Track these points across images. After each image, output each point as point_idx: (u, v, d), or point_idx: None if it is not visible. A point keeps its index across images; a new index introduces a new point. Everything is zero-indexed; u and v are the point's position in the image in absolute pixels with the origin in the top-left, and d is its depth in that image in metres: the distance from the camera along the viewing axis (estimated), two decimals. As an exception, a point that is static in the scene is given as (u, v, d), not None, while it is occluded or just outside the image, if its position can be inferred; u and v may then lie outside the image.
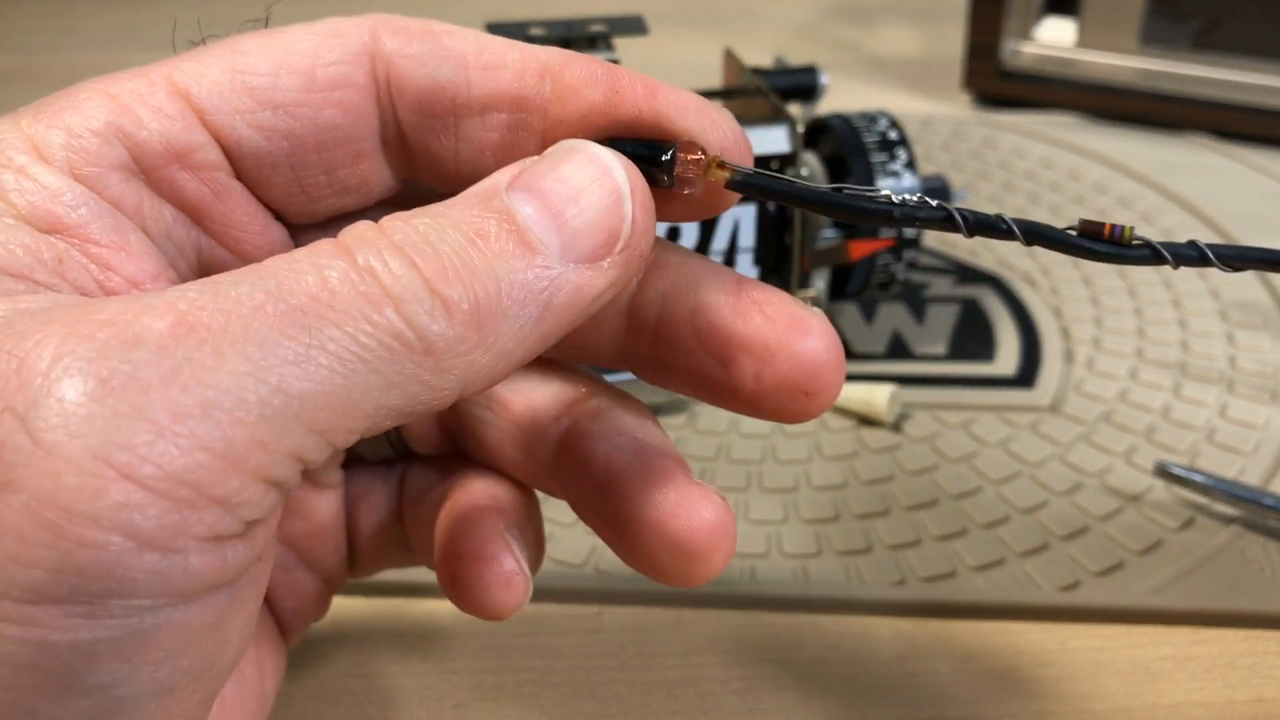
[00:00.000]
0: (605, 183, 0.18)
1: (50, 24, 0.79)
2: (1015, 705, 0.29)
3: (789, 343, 0.19)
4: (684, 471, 0.21)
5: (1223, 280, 0.46)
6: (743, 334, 0.20)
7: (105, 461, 0.14)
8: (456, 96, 0.20)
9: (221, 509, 0.15)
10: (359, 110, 0.20)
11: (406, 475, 0.24)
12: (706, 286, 0.20)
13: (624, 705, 0.30)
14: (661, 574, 0.20)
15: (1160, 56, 0.58)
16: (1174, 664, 0.30)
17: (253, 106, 0.19)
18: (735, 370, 0.20)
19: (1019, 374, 0.41)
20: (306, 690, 0.30)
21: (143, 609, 0.15)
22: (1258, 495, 0.34)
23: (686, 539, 0.20)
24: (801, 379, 0.19)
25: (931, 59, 0.70)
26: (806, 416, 0.20)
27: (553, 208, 0.18)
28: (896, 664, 0.30)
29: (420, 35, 0.20)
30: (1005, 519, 0.35)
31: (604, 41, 0.41)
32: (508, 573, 0.21)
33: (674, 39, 0.73)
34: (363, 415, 0.16)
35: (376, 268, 0.16)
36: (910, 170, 0.38)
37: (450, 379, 0.17)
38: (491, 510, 0.22)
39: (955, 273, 0.47)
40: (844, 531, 0.34)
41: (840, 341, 0.20)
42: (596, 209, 0.18)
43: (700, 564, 0.20)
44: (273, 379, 0.15)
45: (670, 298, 0.20)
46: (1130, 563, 0.33)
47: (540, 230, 0.18)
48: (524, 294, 0.17)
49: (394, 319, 0.16)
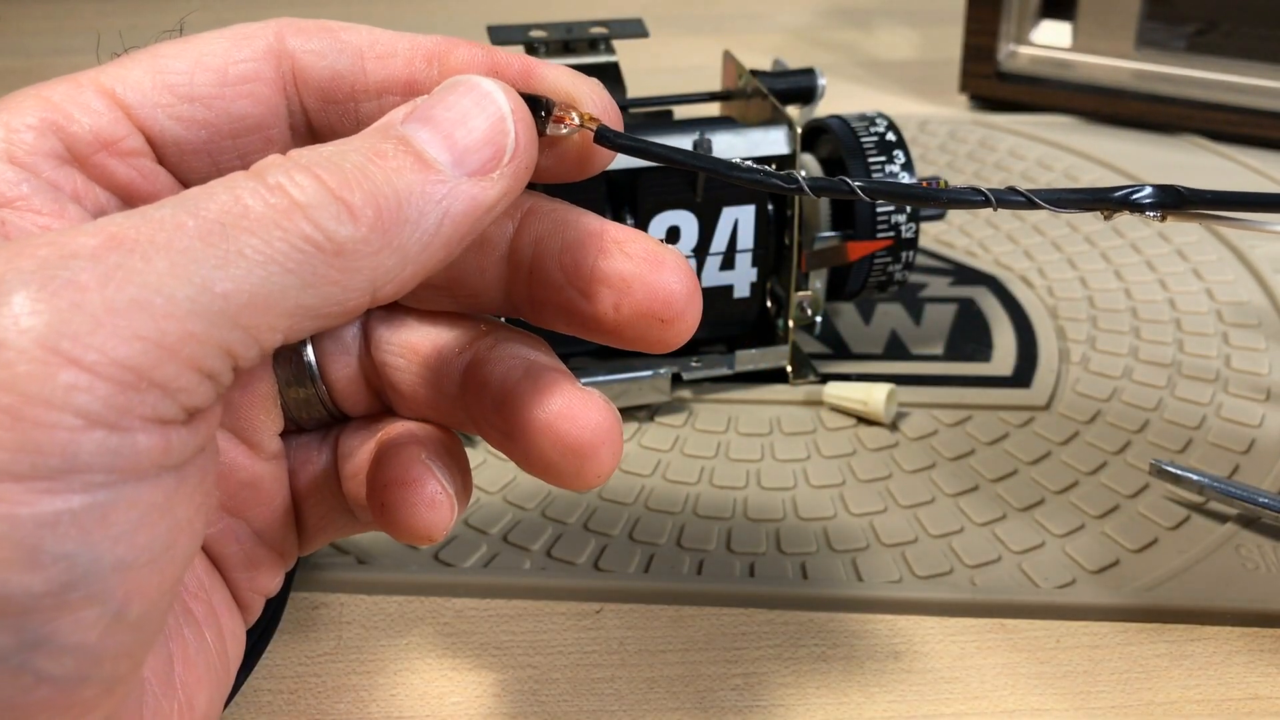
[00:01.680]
0: (489, 105, 0.20)
1: (53, 26, 0.80)
2: (1011, 702, 0.30)
3: (643, 274, 0.22)
4: (570, 381, 0.23)
5: (1218, 281, 0.46)
6: (603, 269, 0.22)
7: (52, 350, 0.16)
8: (355, 84, 0.22)
9: (161, 393, 0.17)
10: (268, 101, 0.22)
11: (339, 440, 0.26)
12: (573, 229, 0.23)
13: (624, 702, 0.30)
14: (556, 475, 0.22)
15: (1156, 59, 0.59)
16: (1169, 661, 0.31)
17: (172, 101, 0.22)
18: (597, 302, 0.22)
19: (1015, 373, 0.41)
20: (309, 688, 0.30)
21: (97, 484, 0.17)
22: (1252, 494, 0.34)
23: (573, 438, 0.22)
24: (656, 307, 0.22)
25: (929, 61, 0.70)
26: (666, 345, 0.23)
27: (443, 130, 0.20)
28: (894, 661, 0.31)
29: (318, 32, 0.23)
30: (1002, 517, 0.35)
31: (604, 44, 0.41)
32: (431, 494, 0.23)
33: (674, 42, 0.73)
34: (283, 313, 0.18)
35: (285, 183, 0.18)
36: (908, 172, 0.39)
37: (360, 280, 0.19)
38: (411, 442, 0.24)
39: (952, 273, 0.47)
40: (842, 529, 0.35)
41: (694, 274, 0.22)
42: (483, 128, 0.20)
43: (588, 460, 0.22)
44: (197, 279, 0.17)
45: (542, 240, 0.23)
46: (1126, 561, 0.33)
47: (433, 149, 0.20)
48: (423, 202, 0.19)
49: (303, 225, 0.18)
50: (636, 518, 0.35)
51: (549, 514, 0.35)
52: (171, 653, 0.22)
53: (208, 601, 0.24)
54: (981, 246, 0.49)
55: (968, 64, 0.61)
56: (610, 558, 0.34)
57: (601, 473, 0.22)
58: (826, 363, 0.42)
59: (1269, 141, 0.56)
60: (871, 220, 0.39)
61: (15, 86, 0.22)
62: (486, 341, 0.24)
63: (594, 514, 0.35)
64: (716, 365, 0.41)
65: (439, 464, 0.23)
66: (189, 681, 0.22)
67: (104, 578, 0.17)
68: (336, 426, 0.26)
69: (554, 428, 0.22)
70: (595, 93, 0.22)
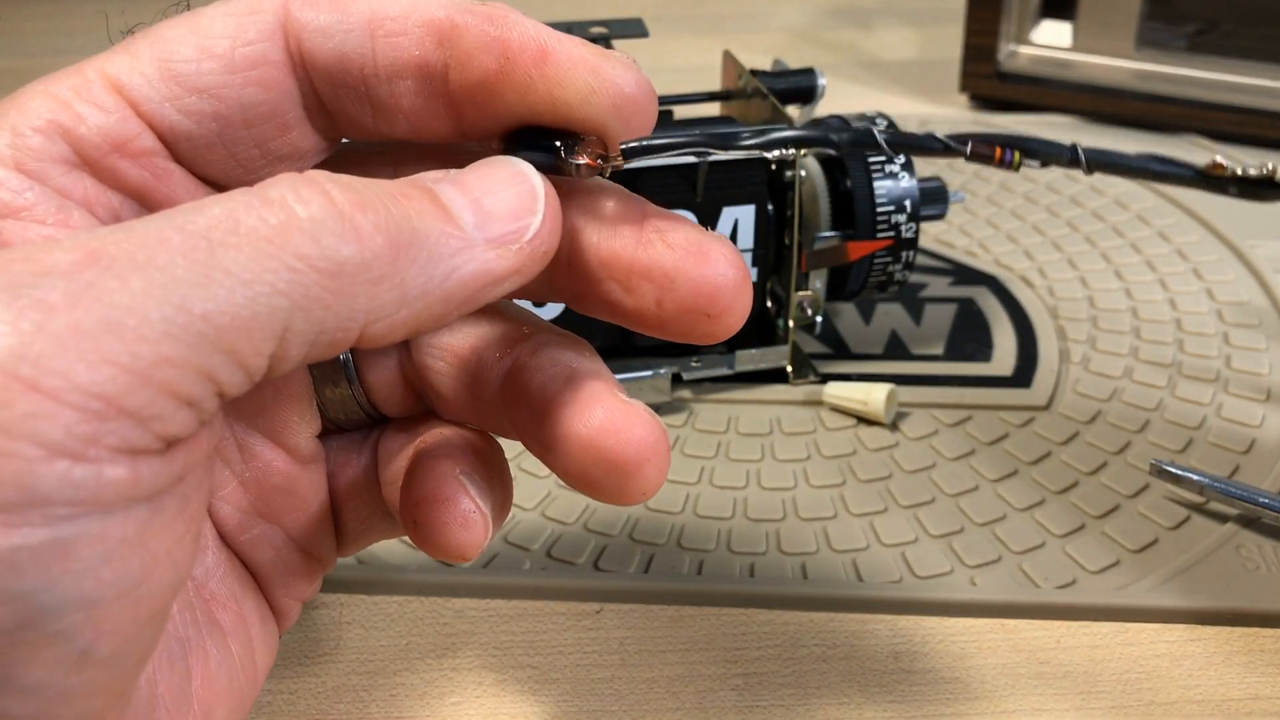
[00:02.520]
0: (522, 182, 0.20)
1: (54, 26, 0.80)
2: (1012, 703, 0.29)
3: (687, 268, 0.21)
4: (614, 392, 0.21)
5: (1218, 281, 0.46)
6: (643, 261, 0.21)
7: (12, 375, 0.15)
8: (364, 67, 0.21)
9: (133, 422, 0.16)
10: (279, 85, 0.21)
11: (380, 443, 0.25)
12: (610, 215, 0.22)
13: (624, 702, 0.30)
14: (599, 491, 0.21)
15: (1156, 59, 0.59)
16: (1170, 662, 0.31)
17: (180, 93, 0.21)
18: (639, 296, 0.21)
19: (1016, 373, 0.41)
20: (309, 688, 0.30)
21: (59, 518, 0.16)
22: (1253, 494, 0.34)
23: (617, 453, 0.21)
24: (702, 302, 0.21)
25: (929, 61, 0.70)
26: (714, 338, 0.21)
27: (472, 194, 0.19)
28: (894, 661, 0.31)
29: (327, 5, 0.21)
30: (1002, 517, 0.35)
31: (604, 44, 0.41)
32: (464, 512, 0.22)
33: (674, 41, 0.73)
34: (269, 337, 0.17)
35: (288, 197, 0.17)
36: (908, 171, 0.39)
37: (356, 308, 0.18)
38: (447, 456, 0.23)
39: (952, 273, 0.47)
40: (842, 529, 0.35)
41: (743, 264, 0.21)
42: (511, 201, 0.20)
43: (632, 478, 0.21)
44: (175, 299, 0.16)
45: (579, 231, 0.22)
46: (1126, 561, 0.33)
47: (457, 206, 0.19)
48: (435, 251, 0.18)
49: (300, 242, 0.17)
50: (636, 518, 0.35)
51: (549, 514, 0.35)
52: (190, 667, 0.21)
53: (237, 611, 0.23)
54: (982, 246, 0.49)
55: (968, 64, 0.61)
56: (610, 558, 0.34)
57: (646, 490, 0.21)
58: (826, 363, 0.42)
59: (1270, 141, 0.56)
60: (871, 220, 0.39)
61: (15, 86, 0.21)
62: (528, 346, 0.23)
63: (594, 514, 0.35)
64: (716, 365, 0.41)
65: (475, 479, 0.22)
66: (207, 696, 0.22)
67: (66, 615, 0.16)
68: (378, 427, 0.25)
69: (596, 443, 0.21)
70: (620, 76, 0.21)
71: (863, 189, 0.38)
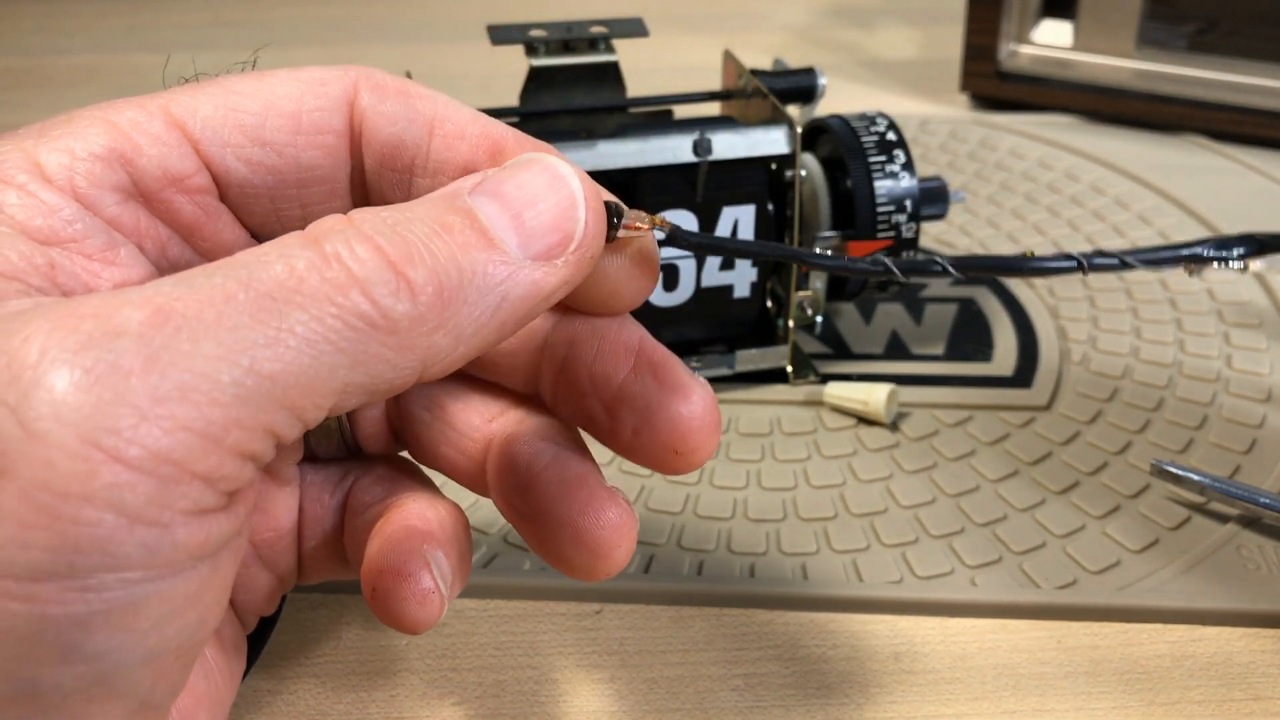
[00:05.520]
0: (561, 188, 0.20)
1: (53, 25, 0.80)
2: (1012, 703, 0.29)
3: (668, 405, 0.22)
4: (597, 476, 0.22)
5: (1219, 280, 0.46)
6: (630, 391, 0.22)
7: (94, 445, 0.15)
8: (416, 158, 0.22)
9: (203, 484, 0.16)
10: (337, 154, 0.22)
11: (353, 490, 0.25)
12: (610, 339, 0.22)
13: (624, 703, 0.30)
14: (570, 567, 0.22)
15: (1157, 58, 0.59)
16: (1170, 662, 0.31)
17: (242, 141, 0.21)
18: (618, 421, 0.22)
19: (1016, 373, 0.41)
20: (309, 688, 0.30)
21: (133, 581, 0.16)
22: (1254, 494, 0.34)
23: (593, 535, 0.22)
24: (674, 440, 0.22)
25: (929, 61, 0.70)
26: (678, 472, 0.22)
27: (512, 209, 0.19)
28: (894, 662, 0.31)
29: (395, 94, 0.22)
30: (1003, 517, 0.35)
31: (604, 43, 0.41)
32: (424, 590, 0.22)
33: (674, 41, 0.73)
34: (331, 392, 0.17)
35: (343, 253, 0.18)
36: (908, 172, 0.39)
37: (412, 358, 0.18)
38: (418, 530, 0.23)
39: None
40: (842, 530, 0.35)
41: (717, 408, 0.22)
42: (552, 212, 0.20)
43: (603, 559, 0.22)
44: (245, 361, 0.16)
45: (577, 343, 0.23)
46: (1127, 561, 0.33)
47: (500, 228, 0.19)
48: (484, 284, 0.19)
49: (359, 300, 0.17)
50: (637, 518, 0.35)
51: (549, 514, 0.35)
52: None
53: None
54: (982, 246, 0.49)
55: (968, 63, 0.61)
56: (610, 558, 0.34)
57: (612, 571, 0.22)
58: (827, 363, 0.42)
59: (1270, 141, 0.56)
60: (872, 220, 0.38)
61: (15, 86, 0.21)
62: (515, 415, 0.24)
63: (594, 514, 0.35)
64: (716, 365, 0.41)
65: (440, 557, 0.23)
66: (188, 704, 0.22)
67: (133, 670, 0.17)
68: (352, 474, 0.25)
69: (576, 523, 0.22)
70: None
71: (863, 189, 0.38)
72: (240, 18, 0.80)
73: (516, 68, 0.41)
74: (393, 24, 0.79)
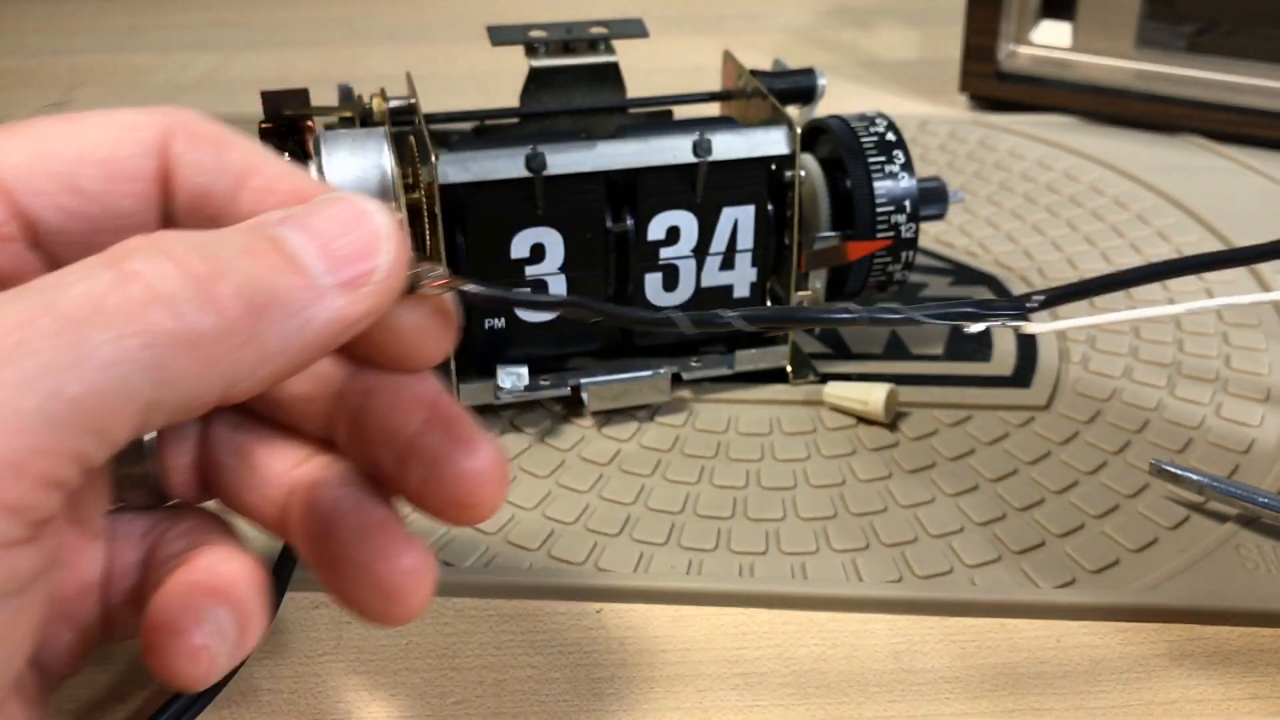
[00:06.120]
0: (367, 222, 0.20)
1: (53, 25, 0.80)
2: (1011, 702, 0.30)
3: (456, 459, 0.22)
4: (396, 522, 0.22)
5: (1218, 279, 0.46)
6: (419, 443, 0.22)
7: None
8: (222, 209, 0.22)
9: (9, 515, 0.16)
10: (149, 199, 0.22)
11: (159, 542, 0.25)
12: (405, 391, 0.22)
13: (624, 701, 0.30)
14: (367, 612, 0.22)
15: (1156, 59, 0.59)
16: (1169, 661, 0.31)
17: (54, 190, 0.21)
18: (407, 472, 0.22)
19: (1015, 373, 0.41)
20: (310, 687, 0.30)
21: None
22: (1252, 493, 0.34)
23: (389, 580, 0.22)
24: (460, 493, 0.22)
25: (929, 61, 0.70)
26: (463, 524, 0.23)
27: (320, 239, 0.20)
28: (894, 661, 0.31)
29: (206, 144, 0.22)
30: (1002, 517, 0.35)
31: (604, 44, 0.41)
32: (194, 647, 0.22)
33: (674, 41, 0.73)
34: (136, 411, 0.17)
35: (144, 271, 0.18)
36: (907, 172, 0.39)
37: (216, 374, 0.18)
38: (200, 586, 0.23)
39: (952, 273, 0.47)
40: (842, 529, 0.35)
41: (504, 464, 0.22)
42: (358, 243, 0.20)
43: (398, 604, 0.22)
44: (47, 386, 0.16)
45: (373, 394, 0.23)
46: (1126, 560, 0.33)
47: (306, 255, 0.19)
48: (290, 305, 0.19)
49: (161, 317, 0.17)
50: (636, 517, 0.35)
51: (549, 514, 0.35)
52: None
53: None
54: (981, 246, 0.49)
55: (968, 64, 0.62)
56: (610, 557, 0.34)
57: (409, 616, 0.22)
58: (826, 362, 0.42)
59: (1269, 141, 0.56)
60: (871, 220, 0.39)
61: (15, 86, 0.21)
62: (319, 461, 0.24)
63: (594, 514, 0.35)
64: (716, 365, 0.41)
65: (223, 613, 0.22)
66: None
67: None
68: (161, 525, 0.25)
69: (372, 568, 0.22)
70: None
71: (862, 189, 0.38)
72: (241, 18, 0.80)
73: (517, 68, 0.41)
74: (393, 25, 0.79)
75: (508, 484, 0.22)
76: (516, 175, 0.36)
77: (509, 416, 0.40)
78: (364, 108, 0.39)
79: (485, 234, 0.36)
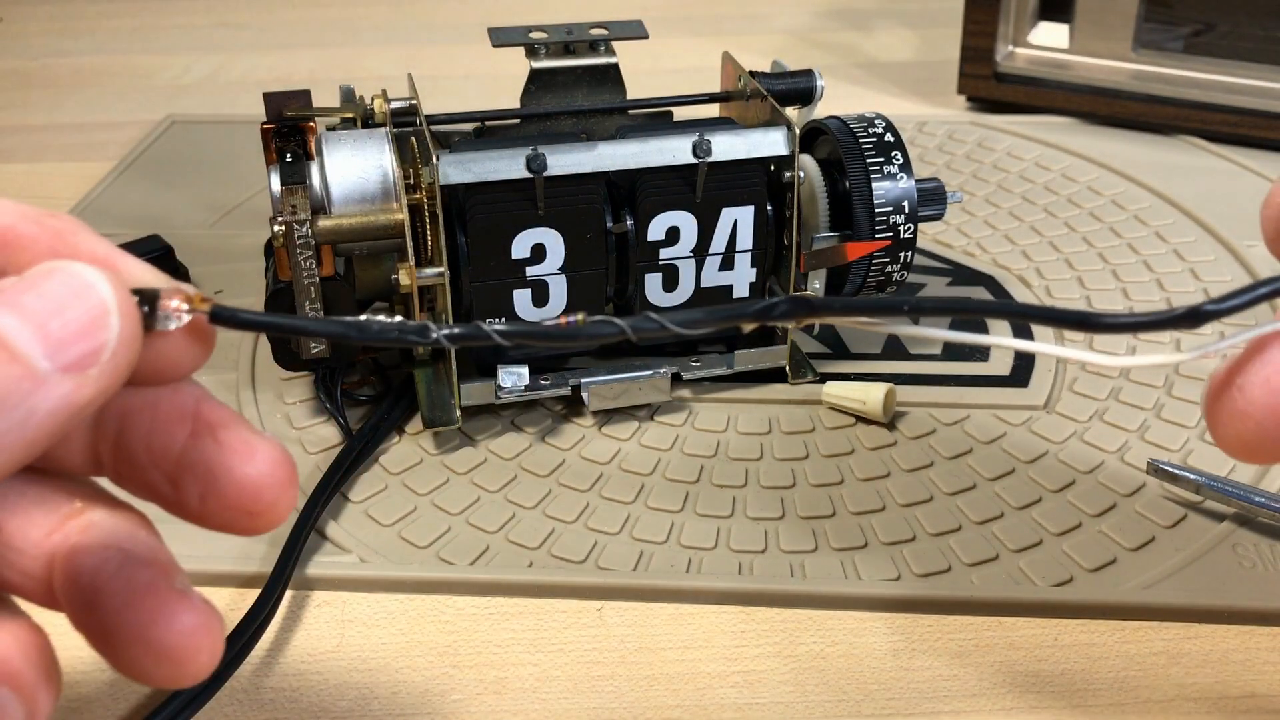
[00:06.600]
0: (89, 295, 0.19)
1: (57, 27, 0.80)
2: (1009, 700, 0.30)
3: (233, 466, 0.20)
4: (166, 580, 0.21)
5: (1215, 280, 0.46)
6: (190, 458, 0.21)
7: None
8: None
9: None
10: None
11: None
12: (165, 406, 0.21)
13: (624, 699, 0.30)
14: (152, 679, 0.21)
15: (1153, 60, 0.59)
16: (1166, 659, 0.31)
17: None
18: (183, 491, 0.21)
19: (1013, 373, 0.42)
20: (312, 685, 0.30)
21: None
22: (1249, 493, 0.34)
23: (166, 644, 0.20)
24: (244, 501, 0.21)
25: (927, 62, 0.70)
26: (256, 533, 0.21)
27: (36, 320, 0.18)
28: (892, 658, 0.31)
29: None
30: (999, 516, 0.35)
31: (604, 45, 0.41)
32: None
33: (673, 43, 0.73)
34: None
35: None
36: (906, 173, 0.39)
37: None
38: None
39: (950, 273, 0.48)
40: (840, 528, 0.35)
41: (288, 463, 0.21)
42: (81, 320, 0.18)
43: (182, 666, 0.20)
44: None
45: (131, 416, 0.21)
46: (1123, 559, 0.33)
47: (22, 341, 0.18)
48: (7, 399, 0.17)
49: None
50: (636, 516, 0.35)
51: (549, 513, 0.36)
52: None
53: None
54: (979, 246, 0.49)
55: (966, 65, 0.62)
56: (610, 556, 0.34)
57: (198, 676, 0.20)
58: (825, 362, 0.42)
59: (1265, 142, 0.57)
60: (870, 221, 0.39)
61: (17, 87, 0.21)
62: (80, 522, 0.22)
63: (594, 513, 0.36)
64: (716, 365, 0.41)
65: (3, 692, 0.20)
66: None
67: None
68: None
69: (145, 635, 0.20)
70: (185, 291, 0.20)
71: (861, 190, 0.39)
72: (244, 20, 0.81)
73: (517, 69, 0.42)
74: (394, 26, 0.79)
75: (295, 482, 0.21)
76: (517, 176, 0.36)
77: (510, 416, 0.40)
78: (366, 109, 0.39)
79: (486, 235, 0.37)
